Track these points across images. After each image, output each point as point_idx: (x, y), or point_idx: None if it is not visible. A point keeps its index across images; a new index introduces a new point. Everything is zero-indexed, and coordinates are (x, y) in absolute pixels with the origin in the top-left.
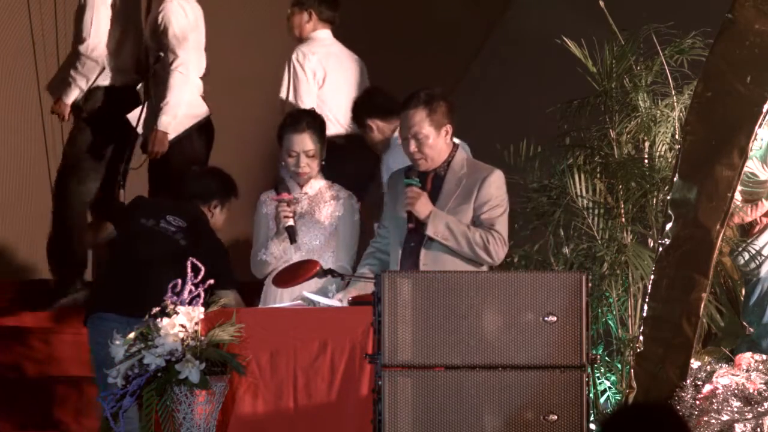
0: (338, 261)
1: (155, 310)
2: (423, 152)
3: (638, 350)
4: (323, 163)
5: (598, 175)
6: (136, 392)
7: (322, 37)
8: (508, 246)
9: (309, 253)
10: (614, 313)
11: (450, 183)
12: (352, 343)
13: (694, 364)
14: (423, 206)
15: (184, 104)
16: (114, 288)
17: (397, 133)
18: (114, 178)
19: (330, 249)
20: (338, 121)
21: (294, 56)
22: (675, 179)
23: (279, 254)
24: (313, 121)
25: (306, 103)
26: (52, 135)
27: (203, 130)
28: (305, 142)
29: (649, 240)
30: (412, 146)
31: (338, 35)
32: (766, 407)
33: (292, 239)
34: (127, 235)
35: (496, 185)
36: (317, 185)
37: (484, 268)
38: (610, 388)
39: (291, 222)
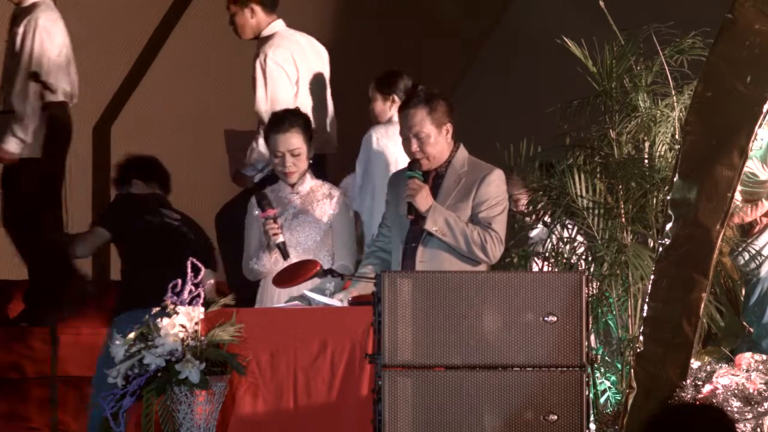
0: (338, 260)
1: (155, 309)
2: (425, 151)
3: (638, 350)
4: (311, 161)
5: (598, 175)
6: (136, 392)
7: (280, 29)
8: (506, 246)
9: (305, 252)
10: (614, 313)
11: (450, 180)
12: (352, 343)
13: (694, 364)
14: (423, 199)
15: None
16: (142, 285)
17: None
18: None
19: (326, 248)
20: None
21: (262, 58)
22: (675, 179)
23: (270, 266)
24: (297, 119)
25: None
26: None
27: None
28: (289, 141)
29: (649, 240)
30: (414, 145)
31: (335, 35)
32: (766, 407)
33: (285, 255)
34: (140, 233)
35: (495, 184)
36: (308, 184)
37: (483, 267)
38: (610, 388)
39: (281, 238)
